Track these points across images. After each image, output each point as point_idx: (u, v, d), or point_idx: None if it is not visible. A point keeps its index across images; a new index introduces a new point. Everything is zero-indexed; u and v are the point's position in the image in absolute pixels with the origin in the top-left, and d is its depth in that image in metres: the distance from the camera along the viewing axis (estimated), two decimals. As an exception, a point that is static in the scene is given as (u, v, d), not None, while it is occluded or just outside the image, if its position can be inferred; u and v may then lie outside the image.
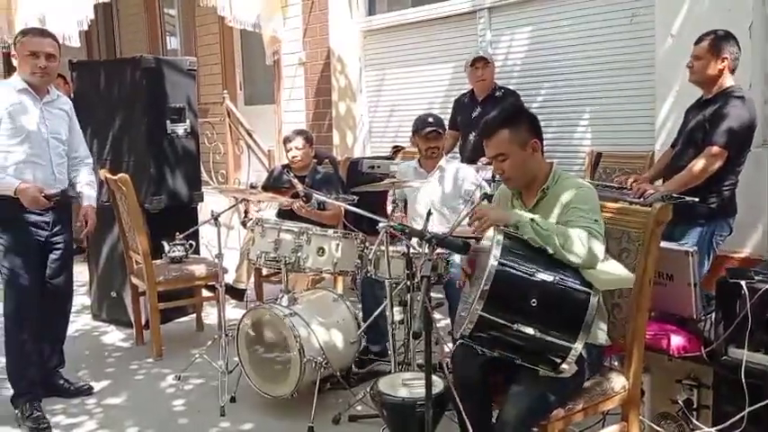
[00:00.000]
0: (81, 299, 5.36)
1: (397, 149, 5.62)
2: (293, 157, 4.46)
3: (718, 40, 3.23)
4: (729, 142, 3.12)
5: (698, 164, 3.16)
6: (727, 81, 3.24)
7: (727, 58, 3.21)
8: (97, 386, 3.74)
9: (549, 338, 2.11)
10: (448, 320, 3.83)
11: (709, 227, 3.24)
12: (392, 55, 6.24)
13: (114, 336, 4.61)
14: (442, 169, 3.94)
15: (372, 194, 3.99)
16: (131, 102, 4.56)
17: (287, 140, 4.52)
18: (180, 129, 4.67)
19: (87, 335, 4.72)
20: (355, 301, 3.90)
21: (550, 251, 2.19)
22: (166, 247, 4.35)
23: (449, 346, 3.57)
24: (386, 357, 3.66)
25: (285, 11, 6.79)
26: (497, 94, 4.69)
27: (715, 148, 3.13)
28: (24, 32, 3.36)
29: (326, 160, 5.17)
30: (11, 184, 3.19)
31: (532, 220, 2.25)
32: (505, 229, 2.25)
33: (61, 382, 3.64)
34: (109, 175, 4.18)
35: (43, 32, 3.39)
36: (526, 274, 2.13)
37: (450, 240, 2.49)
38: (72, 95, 7.13)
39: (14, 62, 3.34)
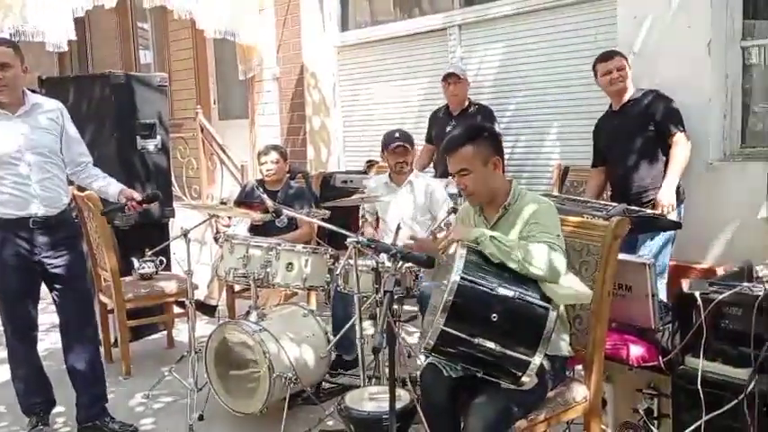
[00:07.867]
0: (50, 317, 5.29)
1: (371, 164, 5.65)
2: (267, 171, 4.45)
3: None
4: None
5: (683, 151, 3.54)
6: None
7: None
8: (66, 404, 3.70)
9: (509, 352, 2.15)
10: (420, 333, 3.85)
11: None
12: (365, 70, 6.29)
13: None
14: (411, 184, 3.98)
15: (346, 209, 4.01)
16: (101, 118, 4.56)
17: (261, 154, 4.52)
18: (150, 144, 4.67)
19: (56, 353, 4.66)
20: (328, 315, 3.90)
21: (513, 266, 2.24)
22: (136, 264, 4.33)
23: (421, 359, 3.59)
24: (357, 368, 3.67)
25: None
26: (471, 109, 4.71)
27: (683, 135, 3.55)
28: None
29: (300, 175, 5.18)
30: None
31: (493, 237, 2.29)
32: (470, 244, 2.30)
33: None
34: (77, 192, 4.14)
35: None
36: (487, 288, 2.17)
37: (415, 255, 2.53)
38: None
39: None
